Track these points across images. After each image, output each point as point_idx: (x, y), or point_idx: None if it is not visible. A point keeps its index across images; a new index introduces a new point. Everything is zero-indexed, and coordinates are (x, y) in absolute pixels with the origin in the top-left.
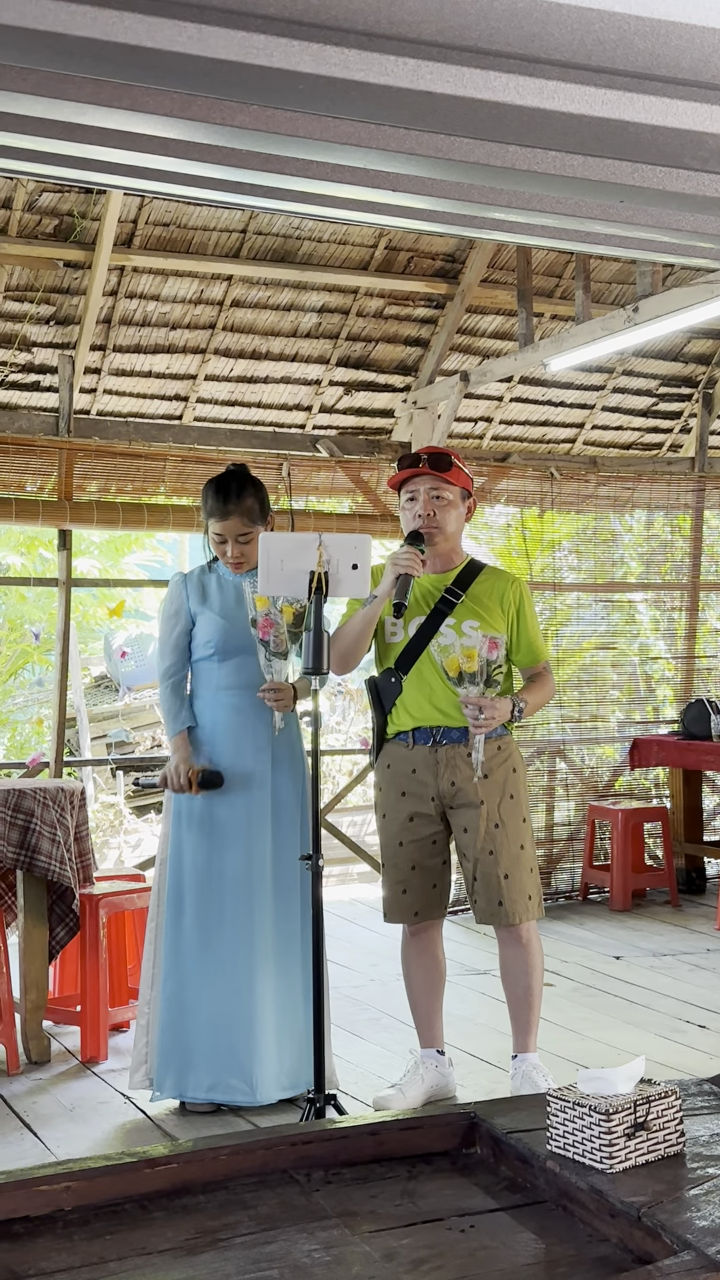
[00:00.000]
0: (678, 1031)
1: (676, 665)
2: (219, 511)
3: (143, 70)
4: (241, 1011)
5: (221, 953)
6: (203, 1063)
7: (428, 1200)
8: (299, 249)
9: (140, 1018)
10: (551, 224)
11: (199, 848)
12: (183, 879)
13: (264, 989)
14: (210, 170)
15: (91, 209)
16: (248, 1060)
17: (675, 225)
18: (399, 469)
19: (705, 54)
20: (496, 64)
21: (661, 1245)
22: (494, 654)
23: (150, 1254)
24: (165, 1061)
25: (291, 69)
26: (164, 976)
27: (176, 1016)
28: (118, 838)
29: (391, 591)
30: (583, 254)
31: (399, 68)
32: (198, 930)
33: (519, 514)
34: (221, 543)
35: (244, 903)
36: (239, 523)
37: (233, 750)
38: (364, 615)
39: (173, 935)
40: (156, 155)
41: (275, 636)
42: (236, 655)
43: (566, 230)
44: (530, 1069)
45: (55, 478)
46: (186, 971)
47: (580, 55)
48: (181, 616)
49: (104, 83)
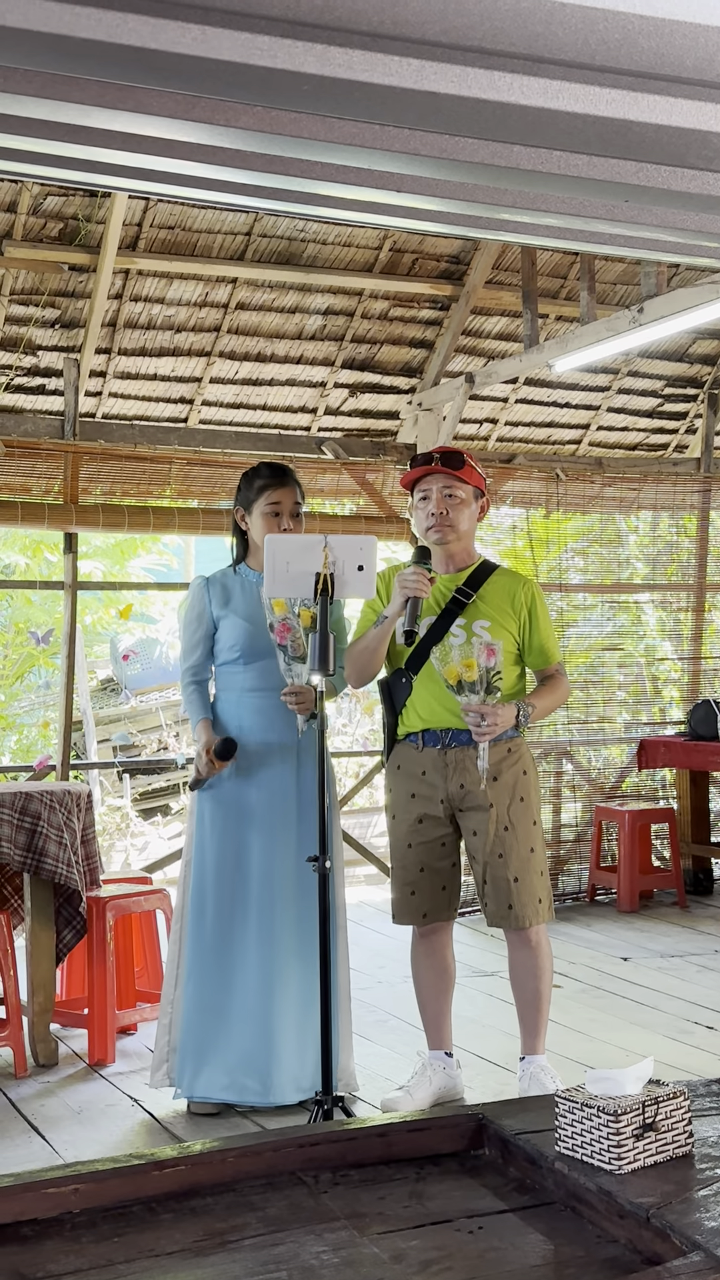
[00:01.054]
0: (685, 1032)
1: (683, 666)
2: (276, 480)
3: (147, 72)
4: (261, 1011)
5: (243, 952)
6: (219, 1061)
7: (436, 1202)
8: (303, 251)
9: (163, 1016)
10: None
11: (223, 848)
12: (206, 878)
13: (285, 989)
14: (214, 172)
15: (96, 212)
16: (265, 1060)
17: (680, 225)
18: (411, 468)
19: (710, 53)
20: (501, 64)
21: (670, 1246)
22: (492, 660)
23: (159, 1256)
24: (185, 1059)
25: (295, 70)
26: (187, 975)
27: (199, 1015)
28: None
29: (402, 614)
30: (587, 254)
31: (403, 68)
32: (220, 929)
33: (525, 515)
34: (276, 515)
35: (266, 903)
36: (295, 491)
37: (259, 753)
38: (376, 634)
39: (195, 934)
40: (161, 157)
41: (293, 641)
42: (262, 658)
43: (571, 230)
44: (538, 1070)
45: (61, 481)
46: (207, 970)
47: (584, 55)
48: (204, 620)
49: (108, 85)
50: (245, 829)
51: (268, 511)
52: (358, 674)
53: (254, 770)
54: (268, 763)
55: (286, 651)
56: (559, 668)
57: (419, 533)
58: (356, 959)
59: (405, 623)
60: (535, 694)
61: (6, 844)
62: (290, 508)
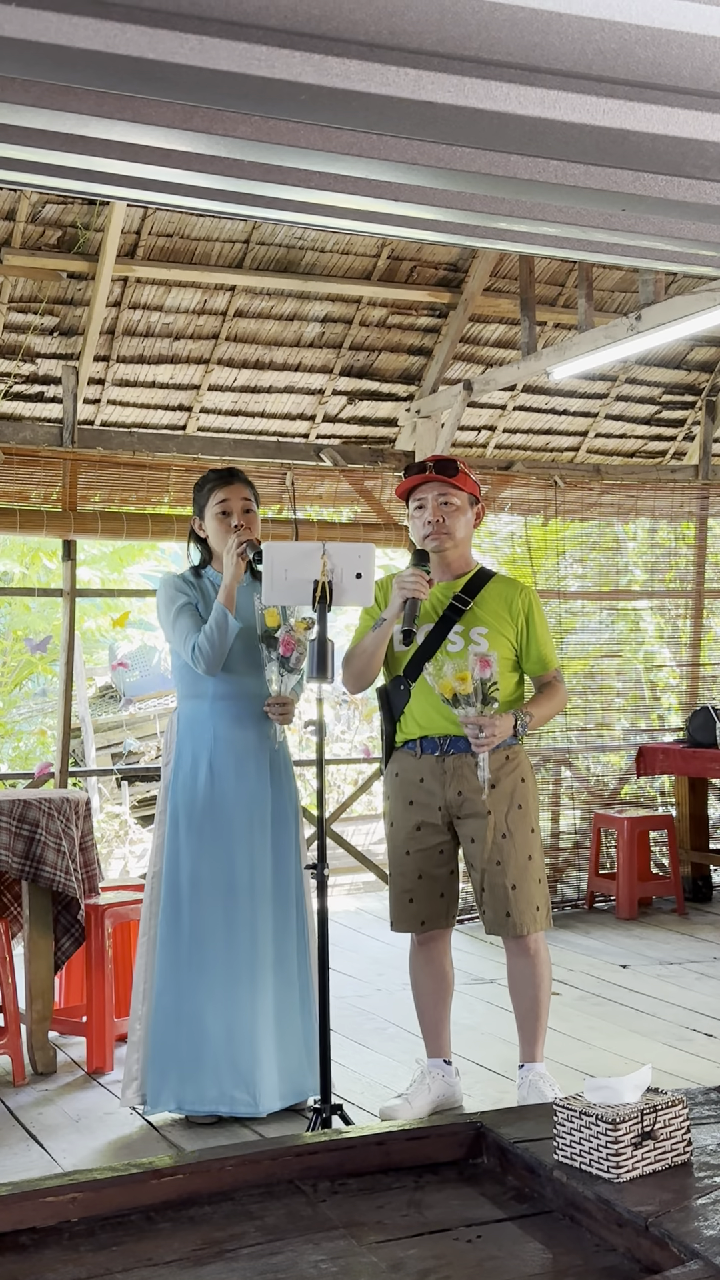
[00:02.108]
0: (685, 1040)
1: (681, 673)
2: (223, 480)
3: (145, 82)
4: (244, 1021)
5: (220, 962)
6: (205, 1074)
7: (434, 1210)
8: (302, 259)
9: (131, 1033)
10: (554, 233)
11: (199, 857)
12: (180, 888)
13: (264, 998)
14: (213, 181)
15: (95, 220)
16: (250, 1070)
17: (677, 233)
18: (406, 477)
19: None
20: (498, 74)
21: (669, 1254)
22: (487, 672)
23: (156, 1265)
24: (160, 1075)
25: (293, 80)
26: (158, 989)
27: (172, 1028)
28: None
29: (400, 615)
30: (585, 263)
31: (400, 78)
32: (195, 940)
33: (523, 522)
34: (225, 514)
35: (244, 912)
36: (242, 488)
37: (235, 760)
38: (374, 638)
39: (170, 945)
40: (159, 166)
41: (297, 654)
42: (237, 664)
43: (569, 239)
44: (537, 1078)
45: (59, 488)
46: (184, 982)
47: (581, 65)
48: (188, 599)
49: (106, 95)
50: (222, 837)
51: (217, 511)
52: (355, 678)
53: (229, 779)
54: (243, 772)
55: (287, 663)
56: (557, 674)
57: (416, 541)
58: (355, 966)
59: (403, 623)
60: (533, 702)
61: (5, 851)
62: (239, 505)
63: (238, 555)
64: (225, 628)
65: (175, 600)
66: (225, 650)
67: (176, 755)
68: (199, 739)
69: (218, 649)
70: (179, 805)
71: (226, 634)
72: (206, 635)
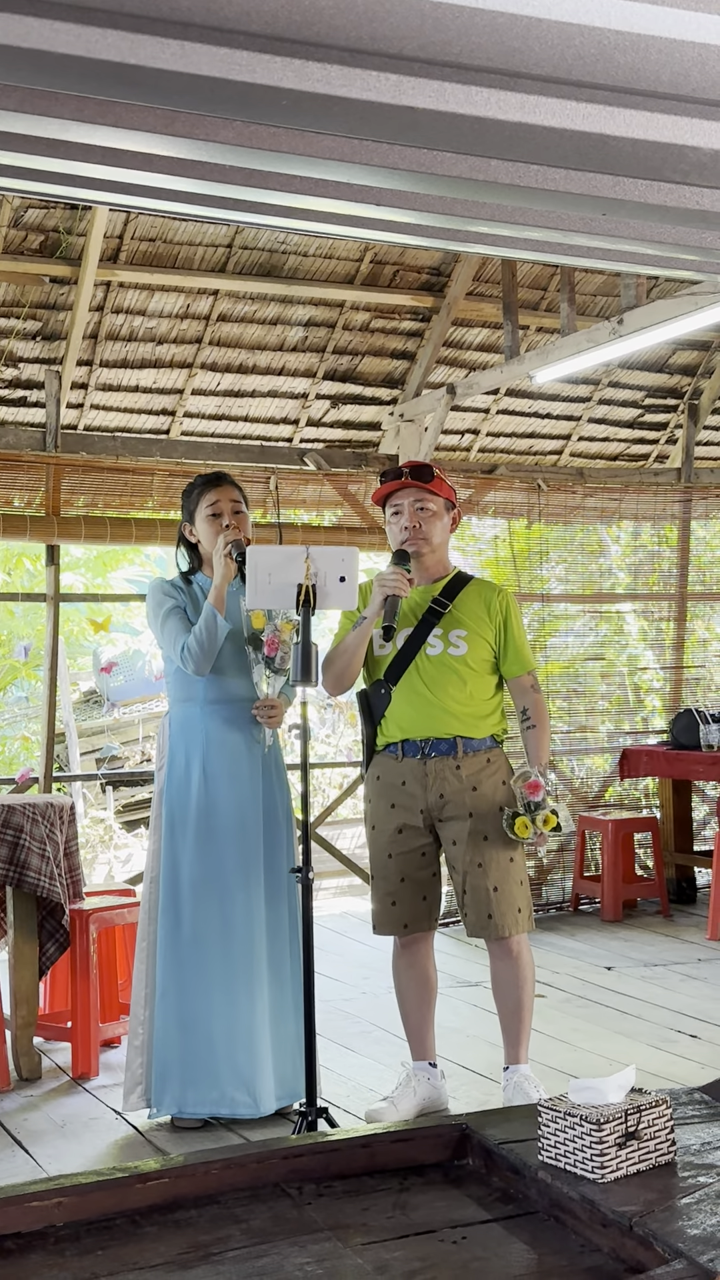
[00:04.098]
0: (669, 1041)
1: (665, 675)
2: (213, 483)
3: (126, 87)
4: (242, 1023)
5: (221, 964)
6: (204, 1076)
7: (420, 1212)
8: (285, 263)
9: (134, 1038)
10: (535, 237)
11: (195, 860)
12: (179, 891)
13: (261, 999)
14: (194, 186)
15: (77, 225)
16: (250, 1072)
17: (657, 238)
18: (381, 483)
19: (685, 68)
20: (478, 79)
21: (654, 1254)
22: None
23: (142, 1269)
24: (163, 1078)
25: (274, 85)
26: (160, 992)
27: (175, 1031)
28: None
29: (380, 613)
30: (567, 267)
31: (381, 83)
32: (196, 942)
33: (507, 526)
34: (216, 515)
35: (241, 913)
36: (231, 489)
37: (227, 763)
38: (355, 637)
39: (171, 949)
40: (140, 171)
41: (282, 654)
42: (227, 667)
43: (550, 243)
44: (522, 1080)
45: (43, 493)
46: (185, 985)
47: (561, 70)
48: (176, 602)
49: (87, 99)
50: (217, 840)
51: (208, 514)
52: (335, 679)
53: (224, 782)
54: (236, 775)
55: (272, 664)
56: (533, 677)
57: (394, 547)
58: (339, 970)
59: (384, 619)
60: (531, 749)
61: None
62: (229, 506)
63: (224, 556)
64: (214, 628)
65: (163, 604)
66: (214, 651)
67: (169, 759)
68: (191, 743)
69: (206, 649)
70: (174, 809)
71: (216, 634)
72: (195, 636)
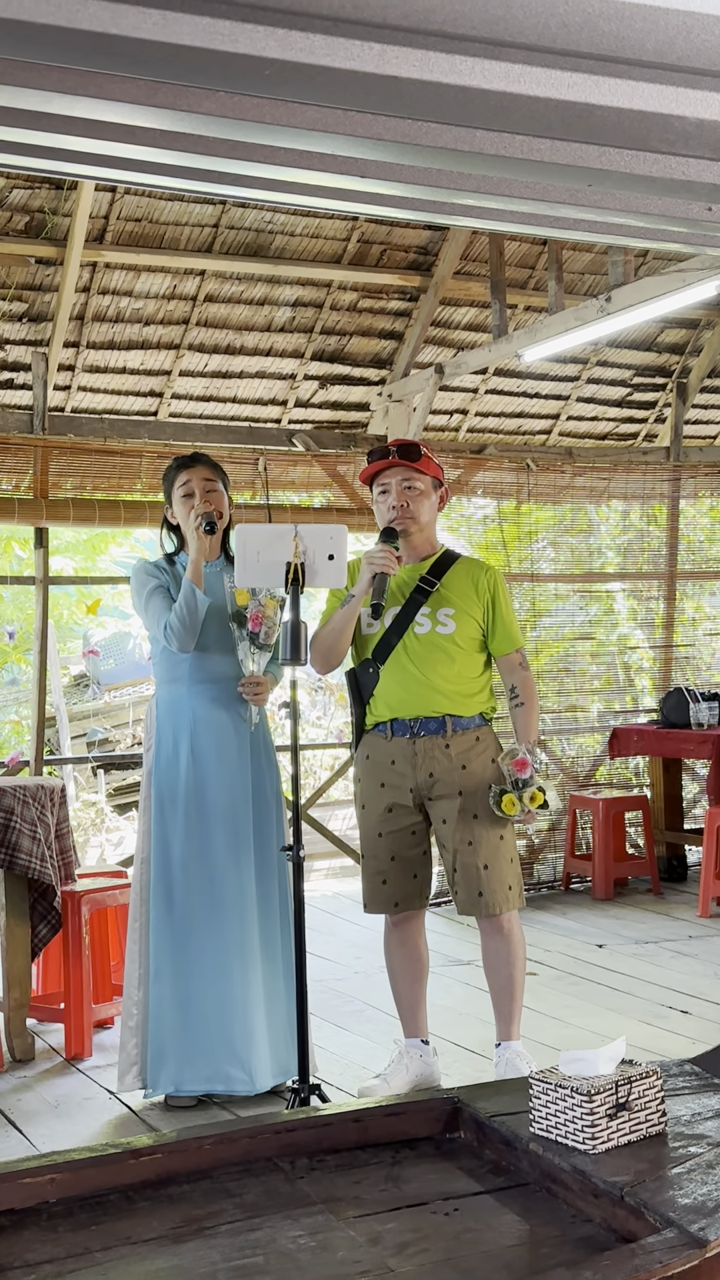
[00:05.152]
0: (660, 1017)
1: (655, 655)
2: (186, 464)
3: (108, 57)
4: (236, 1000)
5: (213, 942)
6: (200, 1054)
7: (412, 1185)
8: (272, 243)
9: (128, 1019)
10: (520, 209)
11: (186, 838)
12: (170, 871)
13: (254, 976)
14: (178, 158)
15: (63, 205)
16: (245, 1049)
17: (643, 209)
18: (369, 462)
19: (669, 36)
20: (462, 48)
21: (645, 1224)
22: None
23: (136, 1243)
24: (159, 1058)
25: (257, 54)
26: (154, 972)
27: (170, 1011)
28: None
29: (368, 591)
30: (555, 244)
31: (365, 52)
32: (188, 921)
33: (496, 506)
34: (189, 495)
35: (233, 891)
36: (203, 469)
37: (214, 742)
38: (343, 615)
39: (164, 927)
40: (124, 144)
41: (266, 629)
42: (213, 647)
43: (536, 215)
44: (514, 1056)
45: (31, 475)
46: (179, 963)
47: (545, 39)
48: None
49: (69, 70)
50: (206, 818)
51: (181, 494)
52: (323, 657)
53: (211, 761)
54: (223, 754)
55: (256, 639)
56: (521, 655)
57: (381, 526)
58: (332, 950)
59: (373, 597)
60: (519, 726)
61: None
62: (201, 485)
63: (194, 529)
64: (194, 604)
65: (146, 584)
66: (197, 627)
67: (157, 740)
68: (178, 722)
69: (188, 625)
70: (162, 789)
71: (196, 610)
72: (176, 613)
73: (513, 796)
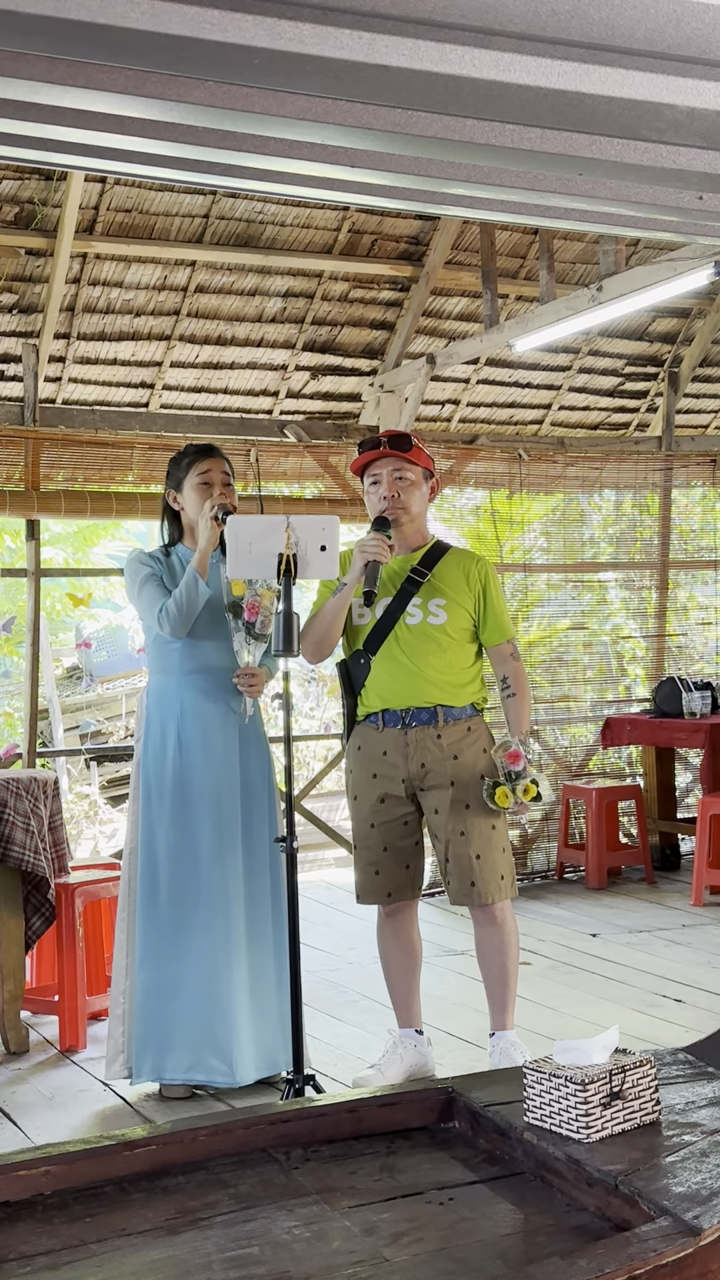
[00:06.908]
0: (654, 1006)
1: (647, 644)
2: (205, 453)
3: (96, 47)
4: (219, 991)
5: (198, 932)
6: (181, 1043)
7: (406, 1175)
8: (262, 233)
9: (115, 1007)
10: (511, 199)
11: (172, 829)
12: (156, 861)
13: (239, 969)
14: (168, 148)
15: (52, 196)
16: (226, 1040)
17: (634, 198)
18: (360, 453)
19: (659, 24)
20: (452, 36)
21: (639, 1212)
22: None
23: (130, 1235)
24: (143, 1046)
25: (246, 44)
26: (139, 961)
27: (154, 999)
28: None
29: (361, 579)
30: (546, 233)
31: (354, 41)
32: (173, 910)
33: (488, 496)
34: (207, 485)
35: (218, 883)
36: (223, 462)
37: (201, 733)
38: (334, 603)
39: (149, 917)
40: (113, 134)
41: (262, 619)
42: (204, 638)
43: (526, 205)
44: (508, 1046)
45: (21, 467)
46: (164, 953)
47: (535, 27)
48: (154, 571)
49: (58, 60)
50: (193, 810)
51: (199, 483)
52: (314, 646)
53: (198, 752)
54: (212, 745)
55: (252, 629)
56: (513, 645)
57: (372, 516)
58: (326, 940)
59: (365, 584)
60: (511, 717)
61: None
62: (220, 477)
63: (210, 519)
64: (195, 592)
65: (140, 573)
66: (193, 614)
67: (146, 730)
68: (167, 713)
69: (185, 612)
70: (150, 779)
71: (196, 598)
72: (175, 598)
73: (506, 789)
